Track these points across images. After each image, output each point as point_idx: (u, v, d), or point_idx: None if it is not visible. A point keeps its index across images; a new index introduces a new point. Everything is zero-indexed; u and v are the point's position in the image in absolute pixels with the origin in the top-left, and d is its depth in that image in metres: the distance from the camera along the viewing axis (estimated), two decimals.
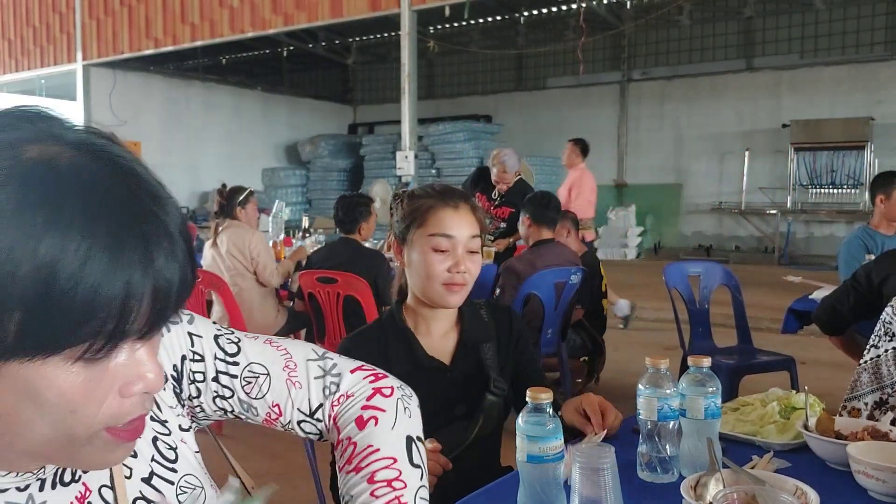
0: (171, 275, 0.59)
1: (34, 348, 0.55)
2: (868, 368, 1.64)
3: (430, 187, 1.67)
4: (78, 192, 0.56)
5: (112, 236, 0.55)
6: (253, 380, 0.90)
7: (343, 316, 3.83)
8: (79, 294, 0.54)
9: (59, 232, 0.54)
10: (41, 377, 0.57)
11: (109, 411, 0.61)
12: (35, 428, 0.59)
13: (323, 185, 14.14)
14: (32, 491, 0.69)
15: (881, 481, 1.21)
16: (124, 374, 0.61)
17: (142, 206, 0.59)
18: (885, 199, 3.92)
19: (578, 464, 1.06)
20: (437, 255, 1.57)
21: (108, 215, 0.56)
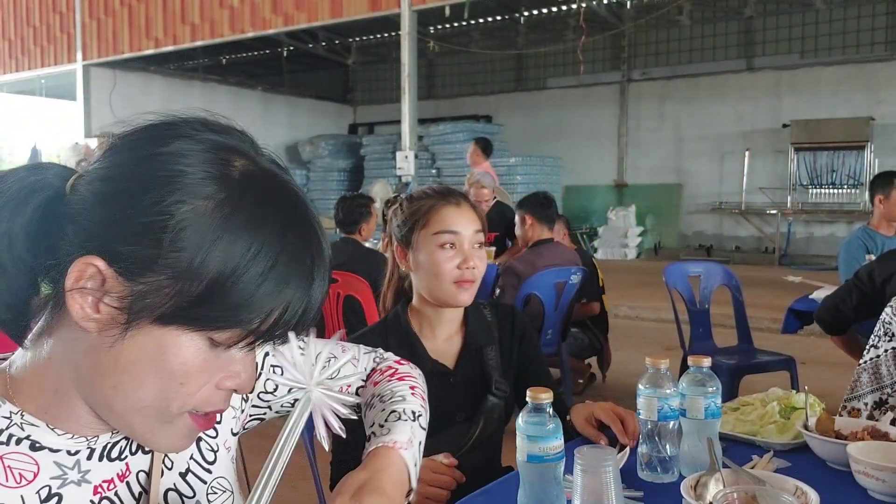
0: (319, 296, 0.69)
1: (200, 321, 0.64)
2: (868, 368, 1.64)
3: (428, 189, 1.67)
4: (275, 209, 0.66)
5: (292, 254, 0.66)
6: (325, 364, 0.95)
7: (343, 316, 3.83)
8: (255, 292, 0.64)
9: (258, 237, 0.64)
10: (176, 345, 0.65)
11: (203, 395, 0.68)
12: (142, 390, 0.66)
13: (323, 186, 14.13)
14: (81, 458, 0.73)
15: (881, 481, 1.21)
16: (228, 368, 0.69)
17: (313, 232, 0.69)
18: (884, 199, 3.92)
19: (579, 465, 1.06)
20: (444, 253, 1.57)
21: (294, 236, 0.67)
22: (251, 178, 0.67)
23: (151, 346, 0.65)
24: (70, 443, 0.72)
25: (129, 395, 0.67)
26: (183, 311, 0.63)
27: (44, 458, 0.70)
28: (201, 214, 0.63)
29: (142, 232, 0.63)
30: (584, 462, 1.06)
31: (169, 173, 0.64)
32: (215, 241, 0.63)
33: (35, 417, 0.70)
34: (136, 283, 0.63)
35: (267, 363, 0.97)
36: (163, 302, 0.63)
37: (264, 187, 0.67)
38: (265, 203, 0.66)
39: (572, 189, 13.69)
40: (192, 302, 0.63)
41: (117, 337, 0.64)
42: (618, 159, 13.68)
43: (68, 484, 0.71)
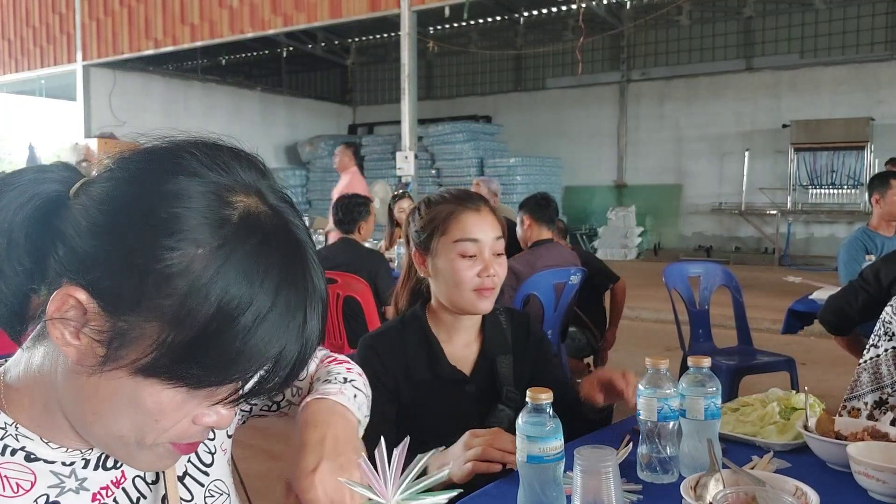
0: (309, 350, 0.67)
1: (179, 378, 0.63)
2: (868, 368, 1.64)
3: (446, 192, 1.64)
4: (273, 255, 0.64)
5: (287, 303, 0.63)
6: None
7: (343, 316, 3.82)
8: (242, 348, 0.62)
9: (250, 291, 0.61)
10: (152, 387, 0.64)
11: (179, 430, 0.67)
12: (118, 422, 0.66)
13: (322, 186, 14.12)
14: (76, 468, 0.73)
15: (881, 482, 1.20)
16: (203, 403, 0.67)
17: (311, 279, 0.66)
18: (881, 200, 3.93)
19: (579, 465, 1.06)
20: (464, 261, 1.54)
21: (290, 284, 0.64)
22: (250, 222, 0.64)
23: (128, 387, 0.64)
24: (65, 455, 0.72)
25: (108, 424, 0.67)
26: (164, 364, 0.61)
27: (40, 468, 0.70)
28: (193, 263, 0.61)
29: (128, 270, 0.61)
30: (584, 462, 1.06)
31: (165, 216, 0.62)
32: (206, 293, 0.60)
33: (28, 430, 0.70)
34: (119, 319, 0.61)
35: None
36: (145, 349, 0.61)
37: (264, 233, 0.64)
38: (261, 254, 0.63)
39: (572, 189, 13.69)
40: (175, 356, 0.61)
41: (95, 368, 0.63)
42: (617, 159, 13.68)
43: (66, 492, 0.71)
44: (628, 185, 13.54)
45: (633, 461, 1.36)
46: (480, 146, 12.83)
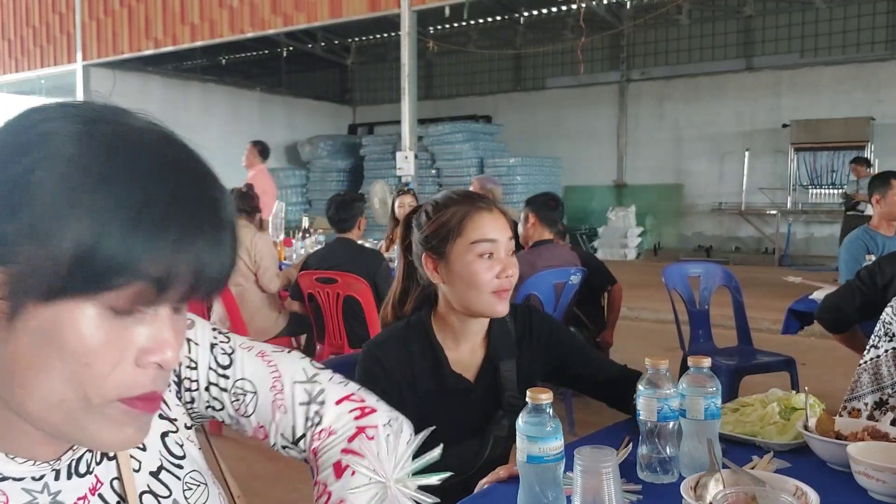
0: (211, 248, 0.62)
1: (82, 286, 0.58)
2: (868, 369, 1.64)
3: (453, 194, 1.61)
4: (149, 160, 0.61)
5: (171, 200, 0.60)
6: (241, 397, 0.89)
7: (343, 316, 3.82)
8: (129, 245, 0.57)
9: (126, 186, 0.58)
10: (71, 319, 0.59)
11: (122, 377, 0.62)
12: (49, 380, 0.60)
13: (322, 186, 14.14)
14: (48, 480, 0.70)
15: (881, 482, 1.20)
16: (143, 343, 0.62)
17: (197, 181, 0.63)
18: (881, 200, 3.93)
19: (579, 465, 1.06)
20: (483, 262, 1.51)
21: (170, 185, 0.60)
22: (119, 135, 0.61)
23: (46, 329, 0.59)
24: (32, 469, 0.69)
25: (38, 390, 0.61)
26: (63, 281, 0.58)
27: (10, 487, 0.67)
28: (63, 175, 0.58)
29: (5, 208, 0.58)
30: (584, 462, 1.06)
31: (30, 142, 0.60)
32: (78, 197, 0.58)
33: None
34: (9, 265, 0.58)
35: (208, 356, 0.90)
36: (41, 278, 0.58)
37: (134, 141, 0.62)
38: (133, 154, 0.60)
39: (572, 189, 13.70)
40: (69, 268, 0.57)
41: (8, 329, 0.60)
42: (617, 159, 13.69)
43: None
44: (628, 185, 13.54)
45: (633, 461, 1.36)
46: (480, 146, 12.84)
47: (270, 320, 4.23)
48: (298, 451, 0.92)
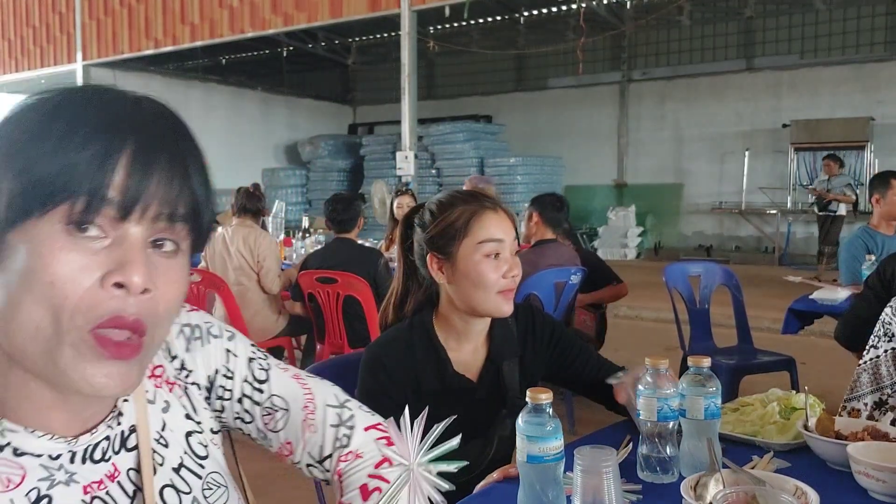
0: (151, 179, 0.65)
1: (22, 212, 0.63)
2: (867, 369, 1.64)
3: (457, 193, 1.60)
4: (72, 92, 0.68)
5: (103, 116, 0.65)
6: (273, 412, 0.93)
7: (343, 316, 3.83)
8: (55, 163, 0.62)
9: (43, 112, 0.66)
10: (28, 239, 0.63)
11: (89, 299, 0.64)
12: (23, 308, 0.64)
13: (323, 186, 14.14)
14: (64, 461, 0.72)
15: (881, 481, 1.20)
16: (107, 264, 0.64)
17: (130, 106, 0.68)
18: (881, 199, 3.93)
19: (579, 465, 1.06)
20: (489, 262, 1.51)
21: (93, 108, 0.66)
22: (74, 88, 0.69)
23: (15, 254, 0.64)
24: (50, 445, 0.71)
25: (18, 319, 0.64)
26: (12, 205, 0.63)
27: (29, 462, 0.70)
28: (17, 119, 0.67)
29: None
30: (584, 462, 1.06)
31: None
32: (26, 131, 0.65)
33: (12, 423, 0.70)
34: None
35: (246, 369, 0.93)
36: (5, 207, 0.64)
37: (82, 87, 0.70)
38: (67, 92, 0.68)
39: (572, 189, 13.69)
40: (14, 190, 0.63)
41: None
42: (618, 159, 13.69)
43: (57, 485, 0.71)
44: (629, 185, 13.54)
45: (633, 461, 1.36)
46: (481, 146, 12.83)
47: (271, 320, 4.23)
48: (322, 471, 0.95)
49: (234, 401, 0.91)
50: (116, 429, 0.77)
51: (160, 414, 0.82)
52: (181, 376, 0.86)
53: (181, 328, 0.87)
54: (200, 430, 0.86)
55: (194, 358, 0.87)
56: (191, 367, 0.87)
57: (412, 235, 1.64)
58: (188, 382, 0.87)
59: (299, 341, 4.71)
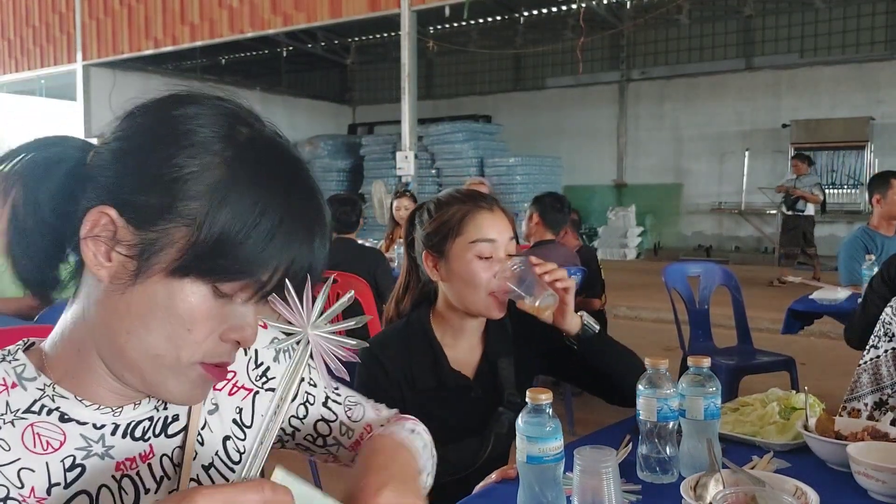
0: (321, 255, 0.74)
1: (210, 273, 0.69)
2: (868, 369, 1.64)
3: (456, 193, 1.60)
4: (279, 170, 0.72)
5: (297, 213, 0.70)
6: (354, 406, 1.03)
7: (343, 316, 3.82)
8: (265, 247, 0.68)
9: (265, 195, 0.68)
10: (183, 291, 0.69)
11: (209, 346, 0.72)
12: (153, 335, 0.70)
13: (323, 186, 13.42)
14: (105, 432, 0.76)
15: (881, 482, 1.20)
16: (231, 321, 0.72)
17: (314, 194, 0.74)
18: (882, 199, 3.93)
19: (579, 465, 1.06)
20: (481, 262, 1.50)
21: (298, 197, 0.71)
22: (256, 140, 0.72)
23: (161, 293, 0.69)
24: (96, 415, 0.75)
25: (142, 341, 0.70)
26: (194, 263, 0.68)
27: (71, 430, 0.74)
28: (210, 169, 0.68)
29: (152, 183, 0.68)
30: (584, 462, 1.06)
31: (180, 131, 0.69)
32: (224, 194, 0.67)
33: (65, 389, 0.74)
34: (147, 231, 0.68)
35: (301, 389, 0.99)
36: (174, 254, 0.68)
37: (268, 149, 0.72)
38: (270, 164, 0.71)
39: (572, 189, 13.69)
40: (202, 254, 0.67)
41: (128, 284, 0.69)
42: (617, 159, 13.69)
43: (92, 456, 0.74)
44: (628, 185, 13.55)
45: (633, 461, 1.36)
46: (480, 146, 12.83)
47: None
48: None
49: (318, 404, 0.99)
50: (161, 412, 0.81)
51: (205, 413, 0.85)
52: (259, 382, 0.92)
53: (272, 340, 0.94)
54: (242, 437, 0.89)
55: (281, 367, 0.94)
56: (273, 375, 0.93)
57: (413, 233, 1.65)
58: (265, 388, 0.92)
59: None
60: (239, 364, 0.90)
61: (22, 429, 0.71)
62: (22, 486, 0.69)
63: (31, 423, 0.72)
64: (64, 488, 0.72)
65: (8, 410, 0.72)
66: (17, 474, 0.70)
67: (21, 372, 0.74)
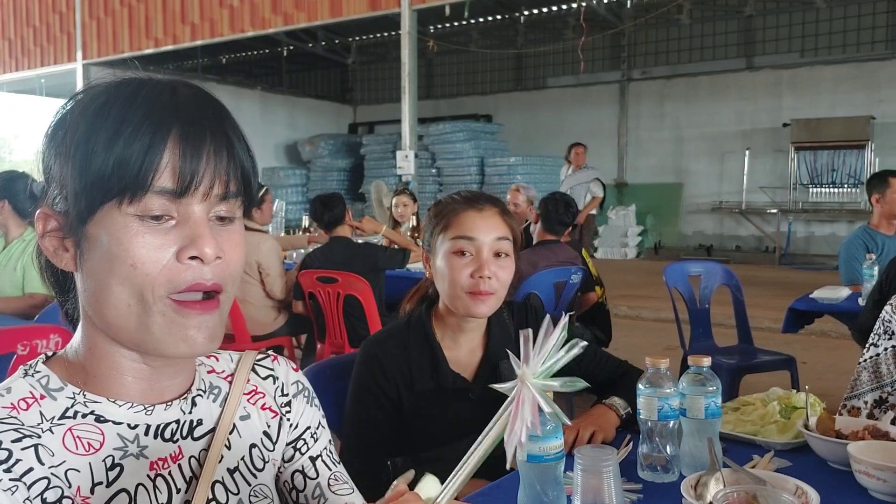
0: (201, 162, 0.72)
1: (88, 206, 0.71)
2: (868, 367, 1.64)
3: (458, 193, 1.61)
4: (124, 89, 0.74)
5: (147, 112, 0.72)
6: (342, 482, 0.98)
7: (343, 315, 3.83)
8: (117, 148, 0.70)
9: (101, 113, 0.72)
10: (108, 233, 0.72)
11: (167, 274, 0.72)
12: (114, 292, 0.73)
13: (323, 185, 14.12)
14: (139, 433, 0.78)
15: (882, 481, 1.20)
16: (179, 240, 0.73)
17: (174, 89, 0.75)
18: (881, 199, 3.93)
19: (579, 465, 1.06)
20: (458, 259, 1.50)
21: (145, 99, 0.73)
22: (116, 84, 0.75)
23: (97, 243, 0.72)
24: (130, 414, 0.78)
25: (110, 300, 0.73)
26: (86, 198, 0.71)
27: (108, 430, 0.77)
28: (73, 120, 0.73)
29: (50, 157, 0.75)
30: (584, 462, 1.06)
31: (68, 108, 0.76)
32: (63, 134, 0.73)
33: (95, 394, 0.77)
34: (61, 204, 0.74)
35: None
36: (77, 205, 0.72)
37: (123, 81, 0.75)
38: (111, 89, 0.74)
39: None
40: (80, 190, 0.71)
41: (82, 262, 0.74)
42: (618, 159, 13.67)
43: (128, 456, 0.77)
44: (629, 184, 13.53)
45: (633, 461, 1.36)
46: (481, 145, 12.82)
47: (270, 319, 4.22)
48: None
49: (307, 456, 0.96)
50: (187, 416, 0.83)
51: (236, 419, 0.88)
52: (284, 409, 0.94)
53: (297, 382, 0.97)
54: (270, 448, 0.91)
55: (300, 408, 0.96)
56: (294, 409, 0.95)
57: None
58: (286, 417, 0.94)
59: (299, 340, 4.70)
60: (267, 388, 0.94)
61: (62, 434, 0.74)
62: (70, 486, 0.72)
63: (69, 428, 0.75)
64: (106, 487, 0.75)
65: (43, 419, 0.74)
66: (65, 475, 0.73)
67: (46, 384, 0.77)
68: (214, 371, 0.91)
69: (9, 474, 0.69)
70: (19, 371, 0.79)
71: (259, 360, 0.95)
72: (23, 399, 0.75)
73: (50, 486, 0.71)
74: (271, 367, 0.95)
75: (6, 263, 3.25)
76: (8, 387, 0.76)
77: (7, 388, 0.76)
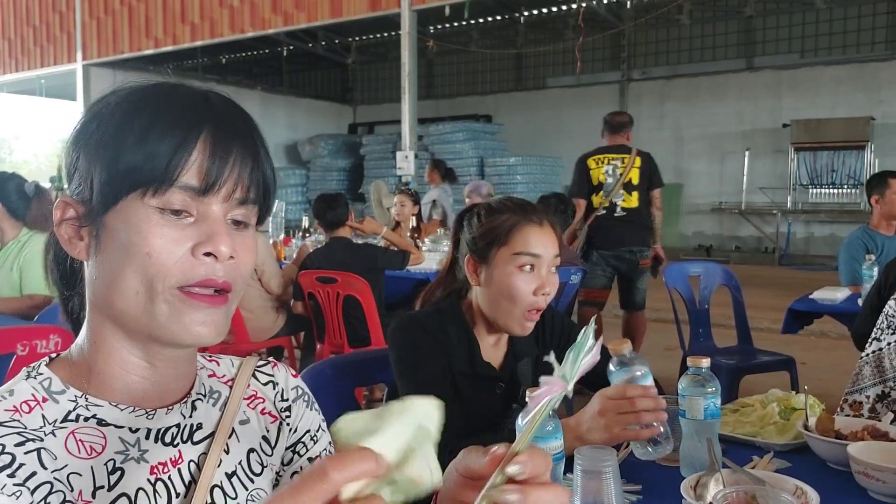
0: (219, 145, 0.75)
1: (113, 196, 0.74)
2: (870, 362, 1.64)
3: (508, 201, 1.61)
4: (154, 91, 0.77)
5: (177, 111, 0.75)
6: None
7: (343, 316, 3.83)
8: (148, 144, 0.72)
9: (133, 109, 0.74)
10: (128, 221, 0.73)
11: (181, 266, 0.74)
12: (125, 279, 0.74)
13: (323, 185, 14.11)
14: (140, 436, 0.79)
15: (881, 482, 1.20)
16: (196, 237, 0.74)
17: (206, 96, 0.79)
18: (880, 199, 3.93)
19: (579, 465, 1.06)
20: (522, 275, 1.51)
21: (178, 98, 0.77)
22: (150, 85, 0.78)
23: (115, 233, 0.74)
24: (131, 418, 0.78)
25: (120, 286, 0.74)
26: (111, 188, 0.73)
27: (110, 433, 0.77)
28: (106, 115, 0.75)
29: (78, 158, 0.77)
30: (584, 462, 1.06)
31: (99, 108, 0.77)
32: (96, 125, 0.75)
33: (97, 398, 0.77)
34: (83, 194, 0.76)
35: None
36: (100, 196, 0.74)
37: (157, 84, 0.78)
38: (146, 89, 0.77)
39: None
40: (111, 178, 0.73)
41: (98, 250, 0.76)
42: None
43: (129, 460, 0.77)
44: None
45: (634, 460, 1.36)
46: (480, 145, 12.82)
47: (270, 319, 4.22)
48: None
49: (304, 458, 0.97)
50: (187, 420, 0.83)
51: (235, 423, 0.88)
52: (284, 414, 0.95)
53: (296, 387, 0.98)
54: (270, 453, 0.92)
55: (299, 412, 0.97)
56: (294, 413, 0.96)
57: (461, 233, 1.66)
58: (286, 422, 0.95)
59: (298, 340, 4.70)
60: (268, 393, 0.94)
61: (64, 437, 0.74)
62: (72, 490, 0.73)
63: (71, 431, 0.75)
64: (107, 491, 0.75)
65: (46, 422, 0.75)
66: (68, 479, 0.73)
67: (48, 386, 0.77)
68: (215, 375, 0.91)
69: (13, 479, 0.69)
70: (22, 373, 0.79)
71: (260, 367, 0.96)
72: (25, 402, 0.75)
73: (53, 491, 0.71)
74: (271, 374, 0.96)
75: (2, 265, 3.25)
76: (10, 389, 0.77)
77: (9, 391, 0.76)
